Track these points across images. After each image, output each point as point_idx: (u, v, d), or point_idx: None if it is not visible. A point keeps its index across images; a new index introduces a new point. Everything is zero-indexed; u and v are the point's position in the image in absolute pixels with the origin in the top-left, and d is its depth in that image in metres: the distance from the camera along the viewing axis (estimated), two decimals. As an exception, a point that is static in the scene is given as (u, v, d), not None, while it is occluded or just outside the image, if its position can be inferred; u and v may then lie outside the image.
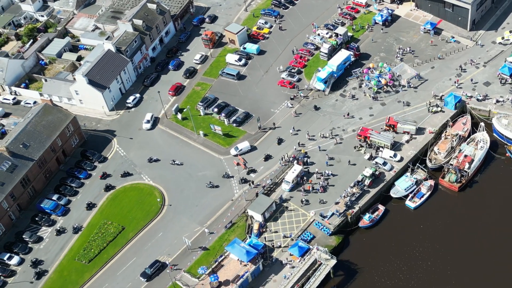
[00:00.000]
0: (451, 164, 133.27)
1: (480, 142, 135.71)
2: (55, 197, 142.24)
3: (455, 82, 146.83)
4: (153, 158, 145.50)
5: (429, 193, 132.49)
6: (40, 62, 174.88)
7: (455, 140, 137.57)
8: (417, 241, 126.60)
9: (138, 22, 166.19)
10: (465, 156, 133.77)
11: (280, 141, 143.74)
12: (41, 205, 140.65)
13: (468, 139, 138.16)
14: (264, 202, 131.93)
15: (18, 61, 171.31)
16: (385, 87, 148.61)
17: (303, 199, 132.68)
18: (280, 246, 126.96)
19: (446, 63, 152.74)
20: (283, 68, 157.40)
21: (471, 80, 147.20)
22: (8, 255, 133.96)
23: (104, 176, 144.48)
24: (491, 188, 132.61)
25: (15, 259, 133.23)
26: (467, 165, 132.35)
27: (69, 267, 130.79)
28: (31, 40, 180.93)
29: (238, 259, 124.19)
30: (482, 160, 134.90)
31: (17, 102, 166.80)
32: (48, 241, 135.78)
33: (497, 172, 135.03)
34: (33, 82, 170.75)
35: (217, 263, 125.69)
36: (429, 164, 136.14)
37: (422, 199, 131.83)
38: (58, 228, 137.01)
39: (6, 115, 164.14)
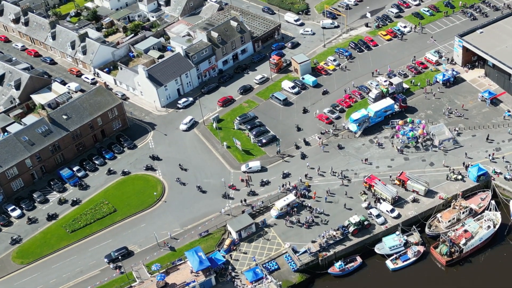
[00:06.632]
0: (448, 236, 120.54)
1: (487, 221, 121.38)
2: (75, 168, 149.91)
3: (489, 155, 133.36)
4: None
5: (414, 258, 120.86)
6: (129, 54, 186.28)
7: (464, 213, 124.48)
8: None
9: (214, 34, 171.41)
10: (465, 231, 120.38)
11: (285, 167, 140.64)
12: (60, 172, 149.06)
13: (479, 216, 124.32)
14: (245, 221, 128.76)
15: (109, 48, 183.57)
16: (419, 140, 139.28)
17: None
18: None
19: (489, 134, 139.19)
20: (319, 112, 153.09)
21: (503, 157, 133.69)
22: (12, 207, 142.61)
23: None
24: (483, 273, 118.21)
25: (17, 212, 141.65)
26: (463, 241, 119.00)
27: (54, 231, 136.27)
28: (132, 34, 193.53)
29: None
30: (485, 240, 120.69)
31: (95, 83, 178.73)
32: (52, 205, 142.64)
33: (498, 258, 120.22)
34: (116, 69, 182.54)
35: (174, 265, 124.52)
36: (427, 230, 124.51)
37: (405, 263, 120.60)
38: (64, 197, 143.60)
39: (82, 91, 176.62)
